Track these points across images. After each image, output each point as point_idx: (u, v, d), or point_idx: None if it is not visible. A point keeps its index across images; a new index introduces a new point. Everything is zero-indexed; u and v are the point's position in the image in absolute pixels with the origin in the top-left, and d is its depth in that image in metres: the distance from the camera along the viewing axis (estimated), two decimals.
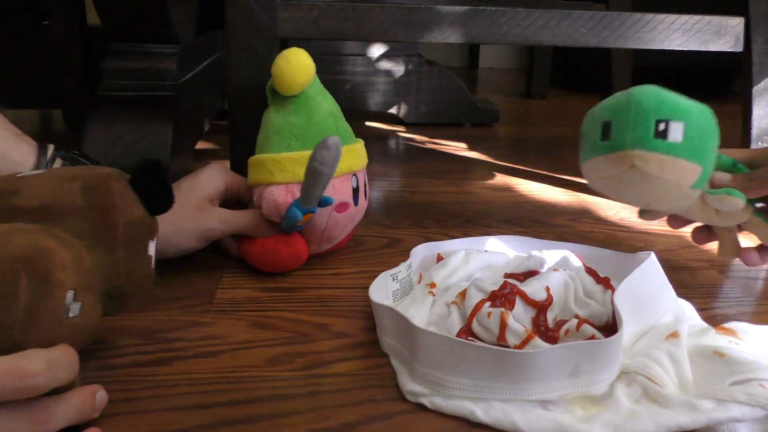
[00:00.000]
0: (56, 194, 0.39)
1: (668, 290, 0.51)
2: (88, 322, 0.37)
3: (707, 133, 0.51)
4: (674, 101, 0.50)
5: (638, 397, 0.42)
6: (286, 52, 0.57)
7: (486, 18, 0.67)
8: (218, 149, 1.08)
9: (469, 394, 0.41)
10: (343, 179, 0.59)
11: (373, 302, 0.49)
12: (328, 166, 0.51)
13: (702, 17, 0.69)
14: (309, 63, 0.57)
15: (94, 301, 0.38)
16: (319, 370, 0.46)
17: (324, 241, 0.61)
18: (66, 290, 0.35)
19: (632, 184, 0.52)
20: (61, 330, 0.35)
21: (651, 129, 0.49)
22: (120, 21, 0.82)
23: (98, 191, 0.40)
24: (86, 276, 0.37)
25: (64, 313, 0.35)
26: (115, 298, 0.40)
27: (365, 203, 0.63)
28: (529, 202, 0.85)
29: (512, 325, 0.45)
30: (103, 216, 0.39)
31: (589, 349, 0.41)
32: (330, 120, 0.59)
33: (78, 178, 0.40)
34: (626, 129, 0.50)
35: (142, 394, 0.43)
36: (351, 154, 0.59)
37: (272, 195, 0.57)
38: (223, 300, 0.56)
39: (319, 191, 0.54)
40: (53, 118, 1.33)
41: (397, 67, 1.27)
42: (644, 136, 0.49)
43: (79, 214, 0.38)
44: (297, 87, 0.57)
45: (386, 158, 1.06)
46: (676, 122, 0.49)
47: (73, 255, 0.36)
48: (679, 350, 0.44)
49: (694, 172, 0.50)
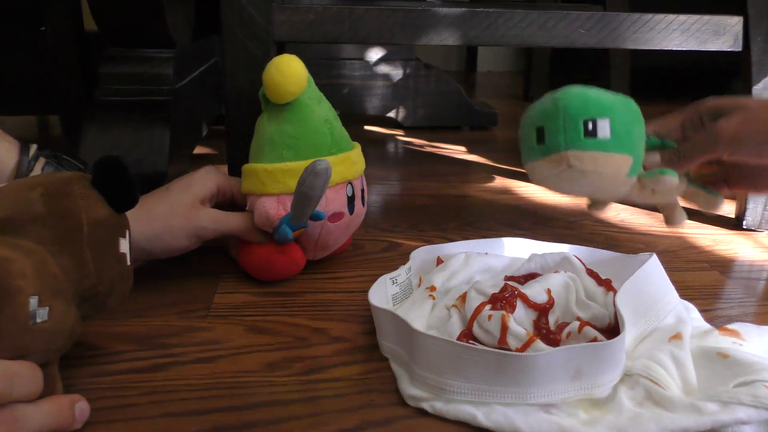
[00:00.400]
0: (17, 205, 0.39)
1: (670, 291, 0.51)
2: (62, 326, 0.37)
3: (633, 123, 0.55)
4: (598, 100, 0.54)
5: (641, 399, 0.41)
6: (276, 60, 0.55)
7: (483, 20, 0.66)
8: (216, 154, 1.08)
9: (471, 398, 0.41)
10: (337, 189, 0.57)
11: (373, 306, 0.48)
12: (317, 190, 0.51)
13: (700, 17, 0.69)
14: (300, 70, 0.56)
15: (65, 305, 0.37)
16: (317, 375, 0.46)
17: (319, 249, 0.61)
18: (27, 297, 0.35)
19: (572, 180, 0.56)
20: (29, 336, 0.35)
21: (580, 130, 0.53)
22: (116, 25, 0.81)
23: (58, 196, 0.40)
24: (52, 281, 0.37)
25: (30, 319, 0.35)
26: (89, 299, 0.40)
27: (363, 209, 0.62)
28: (529, 204, 0.85)
29: (513, 328, 0.45)
30: (65, 220, 0.39)
31: (592, 352, 0.40)
32: (325, 127, 0.58)
33: (38, 186, 0.40)
34: (558, 132, 0.53)
35: (138, 401, 0.42)
36: (345, 163, 0.58)
37: (264, 207, 0.56)
38: (221, 305, 0.55)
39: (309, 211, 0.53)
40: (51, 124, 1.32)
41: (395, 71, 1.27)
42: (575, 137, 0.53)
43: (40, 221, 0.39)
44: (288, 96, 0.56)
45: (385, 162, 1.06)
46: (602, 120, 0.53)
47: (33, 261, 0.36)
48: (683, 352, 0.43)
49: (626, 162, 0.54)
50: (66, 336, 0.37)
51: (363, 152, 0.62)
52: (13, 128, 1.26)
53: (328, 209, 0.57)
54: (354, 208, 0.59)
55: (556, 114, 0.54)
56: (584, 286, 0.52)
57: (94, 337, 0.49)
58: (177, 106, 0.82)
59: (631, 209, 0.82)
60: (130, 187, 0.42)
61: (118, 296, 0.43)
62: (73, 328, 0.38)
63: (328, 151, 0.57)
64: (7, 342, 0.34)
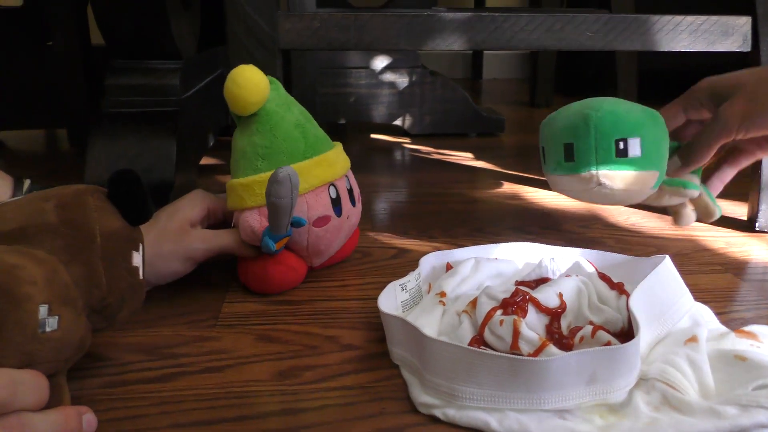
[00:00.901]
0: (30, 216, 0.39)
1: (685, 294, 0.50)
2: (71, 336, 0.36)
3: (660, 139, 0.57)
4: (628, 117, 0.55)
5: (658, 404, 0.40)
6: (233, 73, 0.55)
7: (489, 24, 0.66)
8: (222, 164, 1.08)
9: (483, 404, 0.40)
10: (318, 193, 0.56)
11: (383, 313, 0.48)
12: (285, 198, 0.50)
13: (708, 17, 0.68)
14: (259, 80, 0.54)
15: (75, 315, 0.37)
16: (328, 383, 0.45)
17: (313, 256, 0.59)
18: (36, 304, 0.35)
19: (599, 195, 0.58)
20: (38, 344, 0.34)
21: (612, 150, 0.54)
22: (122, 37, 0.82)
23: (72, 207, 0.40)
24: (63, 290, 0.37)
25: (39, 326, 0.35)
26: (100, 311, 0.40)
27: (355, 210, 0.61)
28: (538, 209, 0.84)
29: (525, 333, 0.44)
30: (79, 231, 0.39)
31: (606, 356, 0.40)
32: (296, 132, 0.57)
33: (53, 197, 0.40)
34: (589, 152, 0.55)
35: (148, 411, 0.42)
36: (322, 165, 0.57)
37: (247, 221, 0.55)
38: (230, 314, 0.55)
39: (285, 220, 0.52)
40: (58, 138, 1.33)
41: (400, 79, 1.26)
42: (607, 157, 0.54)
43: (53, 231, 0.39)
44: (249, 107, 0.55)
45: (392, 169, 1.05)
46: (633, 139, 0.54)
47: (45, 269, 0.36)
48: (699, 355, 0.43)
49: (653, 177, 0.57)
50: (75, 346, 0.37)
51: (369, 160, 0.62)
52: (21, 142, 1.28)
53: (311, 215, 0.56)
54: (341, 209, 0.58)
55: (587, 133, 0.54)
56: (596, 290, 0.51)
57: (102, 347, 0.49)
58: (183, 116, 0.82)
59: (642, 212, 0.81)
60: (144, 200, 0.42)
61: (129, 309, 0.43)
62: (82, 339, 0.38)
63: (302, 155, 0.56)
64: (14, 349, 0.34)
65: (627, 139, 0.54)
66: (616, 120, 0.55)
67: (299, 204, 0.55)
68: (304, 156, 0.56)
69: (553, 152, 0.58)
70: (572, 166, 0.56)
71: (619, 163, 0.55)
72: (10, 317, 0.34)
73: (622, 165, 0.55)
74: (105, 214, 0.41)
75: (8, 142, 1.27)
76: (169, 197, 0.75)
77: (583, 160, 0.55)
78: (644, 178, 0.56)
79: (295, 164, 0.55)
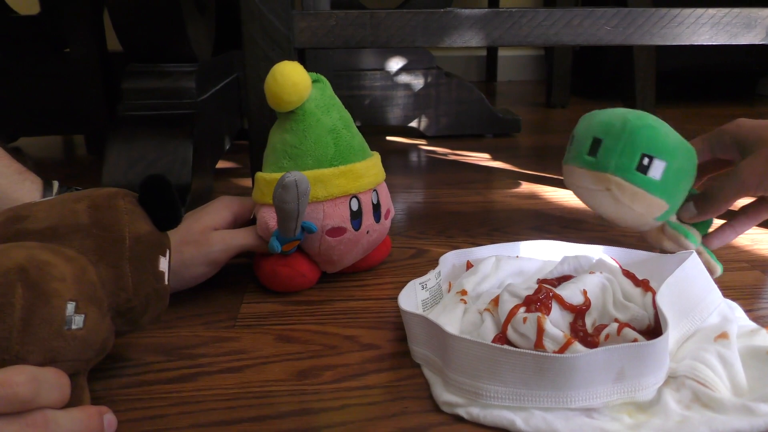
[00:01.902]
0: (62, 215, 0.40)
1: (713, 290, 0.49)
2: (95, 336, 0.36)
3: (685, 176, 0.56)
4: (666, 140, 0.54)
5: (689, 402, 0.39)
6: (274, 69, 0.54)
7: (506, 20, 0.65)
8: (239, 167, 1.08)
9: (508, 402, 0.39)
10: (337, 203, 0.55)
11: (403, 311, 0.47)
12: (290, 203, 0.50)
13: (730, 10, 0.67)
14: (298, 79, 0.53)
15: (100, 315, 0.37)
16: (348, 383, 0.44)
17: (326, 263, 0.58)
18: (65, 301, 0.35)
19: (601, 201, 0.57)
20: (62, 341, 0.34)
21: (635, 161, 0.53)
22: (139, 41, 0.82)
23: (104, 209, 0.41)
24: (90, 289, 0.37)
25: (65, 324, 0.35)
26: (124, 314, 0.40)
27: (379, 227, 0.58)
28: (557, 209, 0.83)
29: (550, 330, 0.43)
30: (109, 232, 0.40)
31: (635, 352, 0.39)
32: (329, 138, 0.55)
33: (85, 198, 0.41)
34: (613, 153, 0.54)
35: (167, 411, 0.41)
36: (347, 176, 0.55)
37: (264, 217, 0.55)
38: (248, 314, 0.54)
39: (292, 224, 0.52)
40: (76, 144, 1.34)
41: (416, 80, 1.26)
42: (627, 166, 0.53)
43: (83, 231, 0.39)
44: (286, 105, 0.54)
45: (408, 171, 1.05)
46: (659, 161, 0.53)
47: (74, 268, 0.36)
48: (730, 352, 0.41)
49: (661, 207, 0.55)
50: (98, 347, 0.37)
51: (385, 162, 0.61)
52: (39, 149, 1.29)
53: (325, 223, 0.55)
54: (360, 223, 0.56)
55: (620, 135, 0.54)
56: (621, 287, 0.50)
57: (122, 348, 0.49)
58: (199, 119, 0.82)
59: None
60: (174, 205, 0.43)
61: (153, 314, 0.43)
62: (105, 341, 0.38)
63: (329, 162, 0.55)
64: (38, 344, 0.34)
65: (654, 158, 0.53)
66: (653, 136, 0.53)
67: (315, 211, 0.54)
68: (331, 163, 0.55)
69: (581, 142, 0.57)
70: (591, 162, 0.55)
71: (636, 178, 0.54)
72: (37, 312, 0.34)
73: (637, 180, 0.54)
74: (135, 217, 0.41)
75: (26, 148, 1.28)
76: (186, 200, 0.75)
77: (604, 159, 0.54)
78: (652, 203, 0.55)
79: (318, 170, 0.54)
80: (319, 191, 0.54)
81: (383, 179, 0.60)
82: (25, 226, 0.39)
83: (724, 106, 1.57)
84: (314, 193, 0.54)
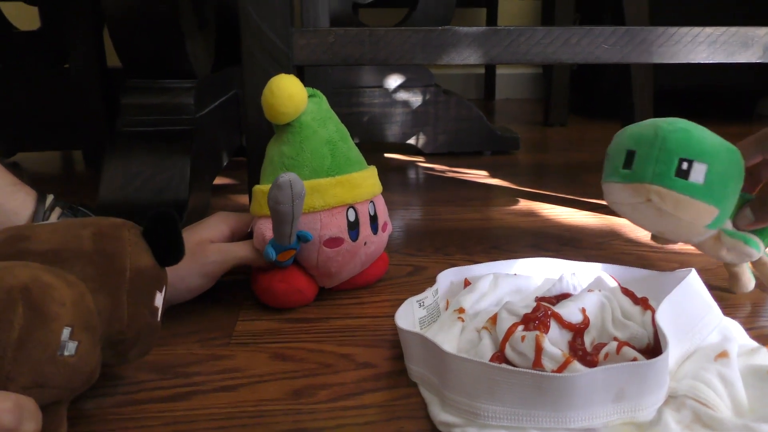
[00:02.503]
0: (66, 240, 0.40)
1: (713, 308, 0.48)
2: (85, 366, 0.36)
3: (731, 177, 0.52)
4: (702, 141, 0.51)
5: (689, 422, 0.39)
6: (270, 82, 0.55)
7: (505, 38, 0.65)
8: (237, 183, 1.07)
9: (506, 423, 0.39)
10: (334, 213, 0.55)
11: (400, 329, 0.47)
12: (285, 204, 0.50)
13: (727, 29, 0.67)
14: (294, 91, 0.54)
15: (92, 344, 0.36)
16: (344, 402, 0.44)
17: (324, 276, 0.58)
18: (62, 325, 0.34)
19: (646, 215, 0.54)
20: (53, 367, 0.34)
21: (673, 167, 0.50)
22: (138, 57, 0.82)
23: (109, 238, 0.41)
24: (86, 316, 0.36)
25: (59, 349, 0.34)
26: (115, 345, 0.40)
27: (377, 238, 0.58)
28: (556, 226, 0.83)
29: (548, 349, 0.42)
30: (111, 261, 0.40)
31: (635, 371, 0.38)
32: (325, 149, 0.56)
33: (90, 225, 0.41)
34: (648, 162, 0.51)
35: (159, 431, 0.41)
36: (344, 185, 0.56)
37: (260, 228, 0.55)
38: (243, 332, 0.54)
39: (287, 229, 0.52)
40: (74, 159, 1.34)
41: (414, 98, 1.26)
42: (665, 173, 0.51)
43: (85, 258, 0.39)
44: (282, 117, 0.55)
45: (406, 188, 1.05)
46: (699, 163, 0.50)
47: (73, 293, 0.36)
48: (731, 371, 0.41)
49: (710, 213, 0.52)
50: (85, 377, 0.36)
51: (383, 179, 0.61)
52: (37, 164, 1.29)
53: (322, 233, 0.55)
54: (358, 234, 0.56)
55: (653, 143, 0.51)
56: (620, 306, 0.49)
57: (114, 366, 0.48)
58: (198, 135, 0.82)
59: None
60: (178, 243, 0.43)
61: (142, 349, 0.42)
62: (92, 372, 0.37)
63: (326, 172, 0.56)
64: (30, 367, 0.33)
65: (693, 161, 0.50)
66: (688, 139, 0.51)
67: (312, 221, 0.54)
68: (328, 173, 0.56)
69: (615, 158, 0.55)
70: (628, 174, 0.53)
71: (676, 184, 0.50)
72: (35, 334, 0.33)
73: (678, 186, 0.50)
74: (138, 249, 0.41)
75: (25, 163, 1.28)
76: (183, 216, 0.74)
77: (640, 170, 0.52)
78: (699, 209, 0.51)
79: (315, 180, 0.55)
80: (316, 201, 0.54)
81: (380, 191, 0.60)
82: (27, 246, 0.39)
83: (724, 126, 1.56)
84: (311, 203, 0.54)
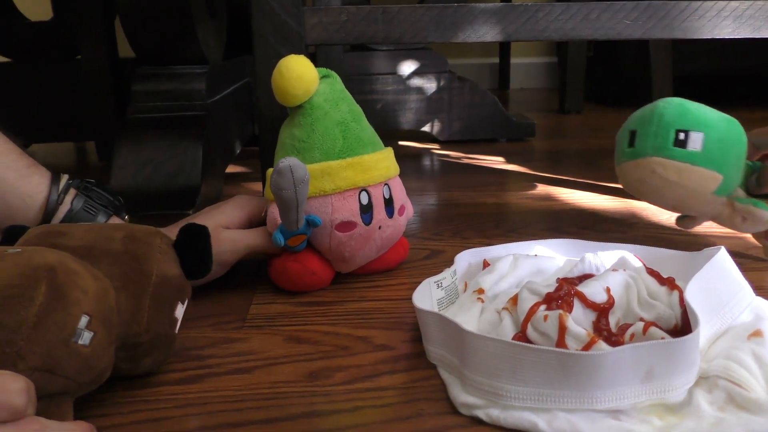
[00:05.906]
0: (98, 239, 0.41)
1: (744, 287, 0.46)
2: (96, 360, 0.35)
3: (731, 144, 0.54)
4: (696, 113, 0.54)
5: (722, 403, 0.37)
6: (280, 63, 0.53)
7: (522, 14, 0.64)
8: (251, 172, 1.07)
9: (530, 403, 0.37)
10: (346, 196, 0.53)
11: (418, 309, 0.45)
12: (287, 190, 0.48)
13: (753, 2, 0.65)
14: (304, 72, 0.53)
15: (107, 340, 0.36)
16: (361, 384, 0.42)
17: (338, 261, 0.56)
18: (81, 312, 0.34)
19: (656, 188, 0.56)
20: (66, 352, 0.33)
21: (671, 138, 0.54)
22: (149, 43, 0.81)
23: (139, 242, 0.42)
24: (106, 311, 0.36)
25: (74, 335, 0.34)
26: (130, 348, 0.39)
27: (392, 221, 0.57)
28: (575, 210, 0.81)
29: (572, 328, 0.41)
30: (138, 264, 0.41)
31: (664, 350, 0.36)
32: (337, 130, 0.55)
33: (123, 229, 0.43)
34: (648, 138, 0.55)
35: (173, 413, 0.40)
36: (355, 168, 0.54)
37: (272, 213, 0.53)
38: (257, 315, 0.53)
39: (293, 215, 0.50)
40: (87, 151, 1.34)
41: (428, 84, 1.25)
42: (664, 144, 0.54)
43: (113, 257, 0.40)
44: (292, 98, 0.54)
45: (421, 174, 1.03)
46: (695, 132, 0.53)
47: (98, 286, 0.36)
48: (765, 350, 0.39)
49: (714, 179, 0.54)
50: (95, 373, 0.36)
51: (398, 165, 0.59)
52: (51, 155, 1.28)
53: (334, 217, 0.53)
54: (371, 217, 0.55)
55: (651, 119, 0.55)
56: (646, 285, 0.47)
57: None
58: (210, 121, 0.81)
59: None
60: (207, 257, 0.44)
61: (155, 359, 0.42)
62: (103, 370, 0.36)
63: (337, 155, 0.54)
64: (43, 348, 0.33)
65: (689, 131, 0.53)
66: (683, 111, 0.54)
67: (322, 204, 0.53)
68: (339, 156, 0.54)
69: (621, 141, 0.58)
70: (632, 152, 0.56)
71: (675, 153, 0.53)
72: (53, 314, 0.33)
73: (678, 155, 0.53)
74: (167, 258, 0.42)
75: (37, 155, 1.28)
76: (195, 202, 0.73)
77: (642, 146, 0.55)
78: (701, 175, 0.54)
79: (325, 163, 0.53)
80: (326, 184, 0.53)
81: (396, 173, 0.59)
82: (60, 241, 0.40)
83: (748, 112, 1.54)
84: (322, 186, 0.53)
